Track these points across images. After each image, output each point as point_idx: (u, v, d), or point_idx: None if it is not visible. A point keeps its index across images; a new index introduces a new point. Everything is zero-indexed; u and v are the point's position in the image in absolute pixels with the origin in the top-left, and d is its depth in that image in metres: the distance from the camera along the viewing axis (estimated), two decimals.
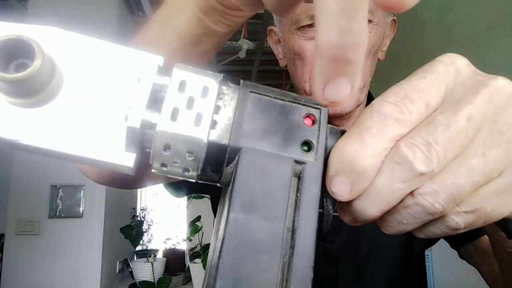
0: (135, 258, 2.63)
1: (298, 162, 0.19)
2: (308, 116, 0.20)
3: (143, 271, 2.30)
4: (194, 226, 2.32)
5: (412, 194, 0.19)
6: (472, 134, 0.18)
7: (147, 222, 2.71)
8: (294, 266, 0.16)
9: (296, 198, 0.18)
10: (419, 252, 0.69)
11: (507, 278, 0.45)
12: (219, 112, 0.18)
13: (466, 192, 0.18)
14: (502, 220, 0.21)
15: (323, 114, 0.20)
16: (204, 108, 0.18)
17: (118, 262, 2.37)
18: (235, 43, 2.49)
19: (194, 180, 0.20)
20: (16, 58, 0.17)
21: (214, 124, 0.18)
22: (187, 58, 0.36)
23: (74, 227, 2.03)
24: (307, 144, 0.19)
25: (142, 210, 2.80)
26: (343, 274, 0.64)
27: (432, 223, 0.20)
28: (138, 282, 2.22)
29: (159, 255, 2.71)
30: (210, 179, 0.20)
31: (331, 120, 0.61)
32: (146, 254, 2.43)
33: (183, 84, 0.18)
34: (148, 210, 2.82)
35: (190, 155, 0.18)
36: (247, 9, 0.26)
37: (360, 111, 0.42)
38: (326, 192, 0.19)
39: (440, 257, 2.03)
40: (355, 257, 0.64)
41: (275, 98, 0.19)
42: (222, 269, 0.16)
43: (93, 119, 0.18)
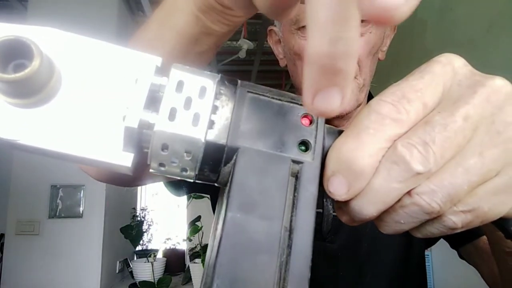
0: (135, 258, 2.63)
1: (295, 162, 0.19)
2: (306, 116, 0.20)
3: (143, 271, 2.30)
4: (194, 226, 2.32)
5: (409, 193, 0.19)
6: (469, 134, 0.18)
7: (147, 222, 2.71)
8: (291, 266, 0.17)
9: (294, 198, 0.18)
10: (419, 252, 0.69)
11: (505, 278, 0.45)
12: (217, 112, 0.19)
13: (463, 191, 0.18)
14: (499, 220, 0.21)
15: None
16: (201, 108, 0.18)
17: (118, 262, 2.37)
18: (235, 43, 2.49)
19: (192, 180, 0.20)
20: (14, 58, 0.17)
21: (211, 124, 0.18)
22: (186, 57, 0.35)
23: (74, 227, 2.03)
24: (305, 144, 0.19)
25: (142, 210, 2.80)
26: (343, 274, 0.63)
27: (430, 223, 0.20)
28: (138, 282, 2.22)
29: (159, 255, 2.71)
30: (208, 179, 0.20)
31: (331, 120, 0.61)
32: (146, 254, 2.43)
33: (180, 84, 0.18)
34: (148, 210, 2.82)
35: (188, 155, 0.18)
36: (241, 12, 0.26)
37: None
38: (325, 192, 0.19)
39: (440, 257, 2.03)
40: (355, 257, 0.64)
41: (273, 98, 0.20)
42: (220, 268, 0.16)
43: (91, 119, 0.18)
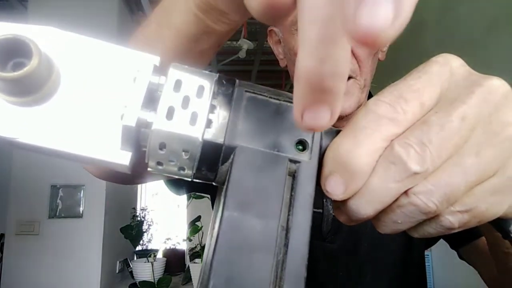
0: (135, 258, 2.63)
1: (292, 161, 0.19)
2: None
3: (143, 271, 2.30)
4: (194, 226, 2.32)
5: (406, 193, 0.19)
6: (467, 134, 0.18)
7: (147, 222, 2.71)
8: (287, 265, 0.17)
9: (291, 197, 0.18)
10: (419, 252, 0.69)
11: (505, 278, 0.45)
12: (215, 111, 0.19)
13: (460, 191, 0.18)
14: (496, 220, 0.21)
15: None
16: (199, 107, 0.18)
17: (118, 262, 2.37)
18: (235, 43, 2.49)
19: (189, 179, 0.20)
20: (13, 57, 0.17)
21: (209, 123, 0.18)
22: (186, 56, 0.35)
23: (74, 227, 2.03)
24: (302, 144, 0.19)
25: (142, 210, 2.80)
26: (343, 274, 0.63)
27: (427, 223, 0.20)
28: (138, 282, 2.22)
29: (159, 255, 2.71)
30: (206, 177, 0.20)
31: None
32: (146, 254, 2.43)
33: (178, 84, 0.19)
34: (148, 210, 2.82)
35: (186, 154, 0.18)
36: (236, 16, 0.25)
37: None
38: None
39: (440, 257, 2.03)
40: (355, 257, 0.64)
41: (270, 98, 0.20)
42: (216, 267, 0.16)
43: (89, 118, 0.18)
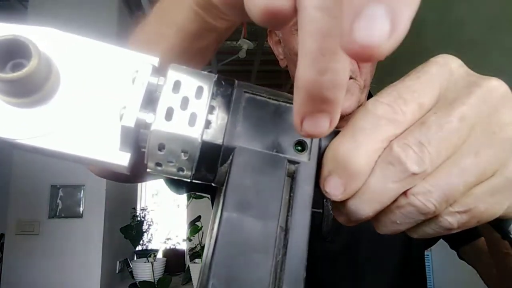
0: (135, 258, 2.63)
1: (291, 162, 0.19)
2: None
3: (143, 271, 2.31)
4: (194, 226, 2.32)
5: (405, 194, 0.19)
6: (465, 134, 0.18)
7: (147, 222, 2.71)
8: (287, 265, 0.17)
9: (290, 198, 0.18)
10: (419, 252, 0.69)
11: (504, 278, 0.45)
12: (213, 112, 0.19)
13: (459, 192, 0.18)
14: (495, 221, 0.21)
15: None
16: (198, 108, 0.18)
17: (118, 262, 2.37)
18: (235, 43, 2.49)
19: (188, 180, 0.20)
20: (12, 58, 0.17)
21: (208, 124, 0.18)
22: (187, 53, 0.35)
23: (74, 227, 2.03)
24: (301, 144, 0.19)
25: (142, 210, 2.80)
26: (342, 274, 0.63)
27: (426, 223, 0.20)
28: (138, 282, 2.22)
29: (159, 255, 2.72)
30: (205, 178, 0.20)
31: None
32: (146, 254, 2.43)
33: (177, 84, 0.19)
34: (148, 210, 2.82)
35: (185, 155, 0.18)
36: (235, 17, 0.25)
37: None
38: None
39: (440, 257, 2.03)
40: (355, 257, 0.64)
41: (269, 99, 0.20)
42: (215, 267, 0.16)
43: (88, 119, 0.18)
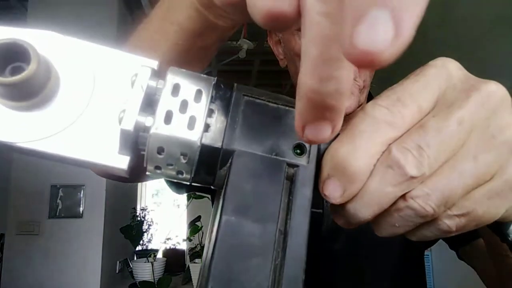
0: (135, 258, 2.63)
1: (290, 165, 0.19)
2: None
3: (143, 271, 2.31)
4: (194, 226, 2.32)
5: (404, 197, 0.19)
6: (464, 138, 0.18)
7: (147, 222, 2.72)
8: (285, 269, 0.17)
9: (289, 201, 0.18)
10: (419, 252, 0.69)
11: (503, 279, 0.45)
12: (213, 116, 0.19)
13: (458, 195, 0.19)
14: (494, 223, 0.21)
15: None
16: (197, 112, 0.18)
17: (118, 262, 2.37)
18: (235, 43, 2.49)
19: (188, 183, 0.20)
20: (12, 61, 0.17)
21: (207, 127, 0.18)
22: (190, 52, 0.35)
23: (74, 227, 2.03)
24: (300, 147, 0.19)
25: (142, 210, 2.80)
26: (343, 275, 0.64)
27: (425, 226, 0.20)
28: (138, 282, 2.22)
29: (159, 255, 2.72)
30: (204, 181, 0.20)
31: None
32: (146, 254, 2.43)
33: (177, 88, 0.19)
34: (148, 210, 2.82)
35: (184, 158, 0.18)
36: (237, 18, 0.25)
37: None
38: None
39: (440, 257, 2.03)
40: (355, 257, 0.64)
41: (268, 102, 0.20)
42: (214, 271, 0.16)
43: (88, 122, 0.18)
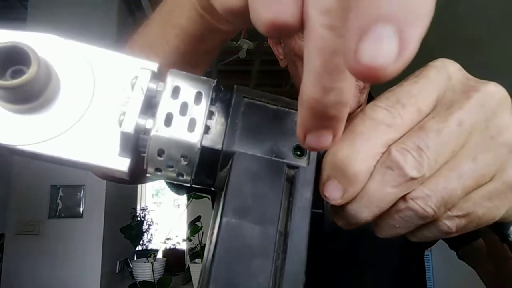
0: (135, 258, 2.63)
1: (290, 166, 0.19)
2: None
3: (143, 271, 2.30)
4: (194, 226, 2.32)
5: (404, 198, 0.19)
6: (463, 139, 0.19)
7: (147, 222, 2.72)
8: (286, 270, 0.17)
9: (289, 203, 0.18)
10: (419, 252, 0.69)
11: (503, 279, 0.45)
12: (213, 118, 0.19)
13: (457, 196, 0.19)
14: (494, 224, 0.21)
15: None
16: (197, 114, 0.18)
17: (118, 262, 2.37)
18: (235, 43, 2.49)
19: (188, 185, 0.20)
20: (12, 65, 0.17)
21: (207, 129, 0.18)
22: (190, 55, 0.35)
23: (74, 227, 2.03)
24: (300, 149, 0.19)
25: (142, 210, 2.80)
26: (343, 274, 0.64)
27: (425, 227, 0.20)
28: (138, 282, 2.22)
29: (159, 255, 2.71)
30: (204, 183, 0.20)
31: None
32: (146, 254, 2.43)
33: (176, 90, 0.19)
34: (148, 210, 2.82)
35: (184, 160, 0.18)
36: (239, 24, 0.25)
37: None
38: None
39: (440, 257, 2.03)
40: (356, 257, 0.64)
41: (268, 103, 0.20)
42: (215, 272, 0.16)
43: (88, 125, 0.19)
